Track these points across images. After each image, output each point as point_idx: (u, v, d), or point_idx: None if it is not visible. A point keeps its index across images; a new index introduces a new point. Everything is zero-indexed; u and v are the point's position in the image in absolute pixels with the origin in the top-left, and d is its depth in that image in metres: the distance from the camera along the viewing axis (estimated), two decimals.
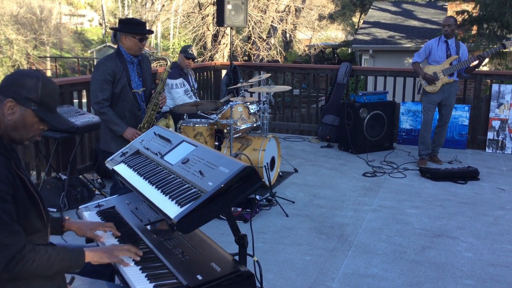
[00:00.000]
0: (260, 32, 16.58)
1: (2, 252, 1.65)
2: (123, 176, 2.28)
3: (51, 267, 1.76)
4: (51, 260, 1.75)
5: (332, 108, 7.63)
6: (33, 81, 1.80)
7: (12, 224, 1.68)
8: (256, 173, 1.86)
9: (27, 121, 1.81)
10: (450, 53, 6.06)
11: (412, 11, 18.54)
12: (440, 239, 4.04)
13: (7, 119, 1.79)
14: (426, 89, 6.18)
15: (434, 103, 6.19)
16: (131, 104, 3.87)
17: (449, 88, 6.11)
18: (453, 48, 6.07)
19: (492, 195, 5.16)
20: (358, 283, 3.30)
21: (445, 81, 6.05)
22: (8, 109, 1.78)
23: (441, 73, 6.04)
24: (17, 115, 1.80)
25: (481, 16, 10.95)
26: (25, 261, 1.69)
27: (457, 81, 6.19)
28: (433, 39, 6.32)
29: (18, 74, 1.83)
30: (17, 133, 1.82)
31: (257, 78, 6.06)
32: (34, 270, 1.71)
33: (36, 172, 5.04)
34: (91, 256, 1.88)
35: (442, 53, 6.08)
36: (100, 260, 1.89)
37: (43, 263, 1.73)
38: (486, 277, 3.41)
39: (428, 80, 6.10)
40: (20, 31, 29.30)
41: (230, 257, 1.97)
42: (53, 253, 1.77)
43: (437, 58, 6.09)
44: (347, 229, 4.21)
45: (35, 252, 1.73)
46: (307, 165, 6.21)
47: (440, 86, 6.06)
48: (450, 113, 6.26)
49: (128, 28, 3.77)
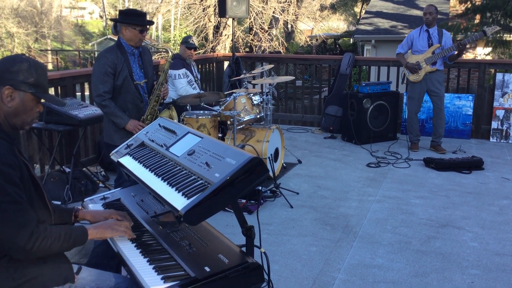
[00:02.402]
0: (262, 23, 16.49)
1: (21, 229, 1.72)
2: (128, 168, 2.27)
3: (61, 245, 1.83)
4: (61, 238, 1.82)
5: (335, 98, 7.60)
6: (26, 65, 1.85)
7: (24, 204, 1.75)
8: (263, 164, 1.85)
9: (27, 105, 1.87)
10: (432, 42, 6.10)
11: (414, 1, 18.41)
12: (445, 229, 4.03)
13: (7, 106, 1.84)
14: (410, 78, 6.26)
15: (418, 92, 6.24)
16: (134, 96, 3.86)
17: (433, 76, 6.15)
18: (435, 37, 6.11)
19: (496, 185, 5.14)
20: (364, 274, 3.30)
21: (428, 70, 6.10)
22: (7, 97, 1.82)
23: (423, 62, 6.09)
24: (16, 100, 1.84)
25: (484, 4, 10.88)
26: (42, 238, 1.76)
27: (441, 70, 6.22)
28: (415, 29, 6.35)
29: (8, 61, 1.86)
30: (18, 119, 1.87)
31: (260, 69, 6.03)
32: (48, 247, 1.78)
33: (39, 165, 5.04)
34: (94, 233, 1.96)
35: (424, 42, 6.14)
36: (102, 235, 1.98)
37: (55, 240, 1.80)
38: (492, 266, 3.41)
39: (410, 69, 6.17)
40: (21, 24, 29.26)
41: (238, 248, 1.96)
42: (62, 231, 1.84)
43: (419, 48, 6.16)
44: (352, 220, 4.21)
45: (48, 230, 1.80)
46: (310, 156, 6.20)
47: (423, 75, 6.11)
48: (442, 102, 6.26)
49: (128, 19, 3.75)
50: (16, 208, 1.71)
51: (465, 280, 3.23)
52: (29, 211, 1.76)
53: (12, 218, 1.70)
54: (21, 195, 1.74)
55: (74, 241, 1.87)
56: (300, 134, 7.54)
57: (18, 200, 1.73)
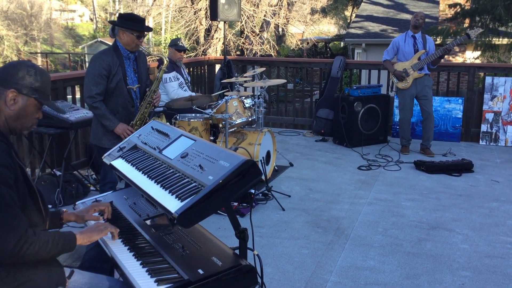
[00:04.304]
0: (253, 26, 16.52)
1: (10, 233, 1.70)
2: (121, 171, 2.26)
3: (49, 251, 1.81)
4: (49, 244, 1.81)
5: (326, 102, 7.63)
6: (32, 71, 1.88)
7: (15, 208, 1.74)
8: (257, 166, 1.86)
9: (28, 110, 1.89)
10: (418, 48, 6.15)
11: (404, 4, 18.54)
12: (436, 231, 4.06)
13: (9, 109, 1.85)
14: (398, 86, 6.30)
15: (409, 98, 6.29)
16: (125, 99, 3.85)
17: (421, 81, 6.21)
18: (420, 43, 6.18)
19: (486, 187, 5.19)
20: (355, 276, 3.31)
21: (416, 76, 6.17)
22: (10, 100, 1.84)
23: (410, 69, 6.16)
24: (19, 104, 1.86)
25: (474, 9, 10.97)
26: (29, 243, 1.74)
27: (428, 74, 6.28)
28: (400, 35, 6.43)
29: (14, 66, 1.89)
30: (18, 122, 1.88)
31: (251, 72, 6.04)
32: (36, 253, 1.77)
33: (30, 169, 5.00)
34: (81, 239, 1.94)
35: (410, 48, 6.19)
36: (90, 239, 1.97)
37: (43, 246, 1.79)
38: (483, 268, 3.44)
39: (397, 76, 6.22)
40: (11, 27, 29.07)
41: (231, 251, 1.97)
42: (50, 237, 1.83)
43: (405, 54, 6.22)
44: (343, 222, 4.22)
45: (36, 235, 1.78)
46: (302, 159, 6.22)
47: (412, 82, 6.18)
48: (430, 105, 6.31)
49: (127, 24, 3.74)
50: (7, 211, 1.70)
51: (455, 281, 3.25)
52: (20, 216, 1.75)
53: (1, 221, 1.69)
54: (13, 198, 1.73)
55: (62, 247, 1.86)
56: (292, 137, 7.56)
57: (9, 203, 1.71)
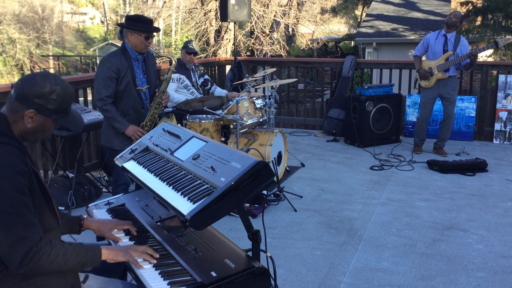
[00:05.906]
0: (263, 26, 16.51)
1: (19, 244, 1.65)
2: (133, 173, 2.26)
3: (66, 263, 1.75)
4: (67, 255, 1.76)
5: (338, 101, 7.59)
6: (55, 92, 1.82)
7: (29, 216, 1.69)
8: (269, 168, 1.84)
9: (45, 127, 1.87)
10: (447, 48, 6.00)
11: (415, 3, 18.41)
12: (450, 231, 4.02)
13: (26, 126, 1.82)
14: (421, 84, 6.19)
15: (430, 98, 6.18)
16: (135, 101, 3.86)
17: (445, 83, 6.07)
18: (451, 43, 6.00)
19: (501, 187, 5.12)
20: (369, 277, 3.28)
21: (439, 77, 6.03)
22: (28, 119, 1.81)
23: (435, 69, 6.02)
24: (37, 123, 1.84)
25: (486, 6, 10.87)
26: (41, 254, 1.69)
27: (454, 76, 6.11)
28: (432, 32, 6.28)
29: (37, 83, 1.81)
30: (33, 136, 1.88)
31: (262, 73, 6.03)
32: (49, 265, 1.71)
33: (43, 171, 5.03)
34: (107, 254, 1.88)
35: (439, 48, 6.05)
36: (115, 258, 1.89)
37: (59, 257, 1.73)
38: (498, 269, 3.39)
39: (421, 75, 6.11)
40: (23, 30, 29.35)
41: (244, 253, 1.95)
42: (69, 248, 1.78)
43: (434, 53, 6.08)
44: (356, 223, 4.19)
45: (51, 246, 1.73)
46: (313, 160, 6.19)
47: (434, 82, 6.05)
48: (452, 108, 6.18)
49: (135, 25, 3.74)
50: (17, 221, 1.65)
51: (471, 283, 3.21)
52: (34, 226, 1.69)
53: (12, 229, 1.64)
54: (28, 206, 1.69)
55: (84, 259, 1.80)
56: (303, 137, 7.53)
57: (21, 213, 1.66)
